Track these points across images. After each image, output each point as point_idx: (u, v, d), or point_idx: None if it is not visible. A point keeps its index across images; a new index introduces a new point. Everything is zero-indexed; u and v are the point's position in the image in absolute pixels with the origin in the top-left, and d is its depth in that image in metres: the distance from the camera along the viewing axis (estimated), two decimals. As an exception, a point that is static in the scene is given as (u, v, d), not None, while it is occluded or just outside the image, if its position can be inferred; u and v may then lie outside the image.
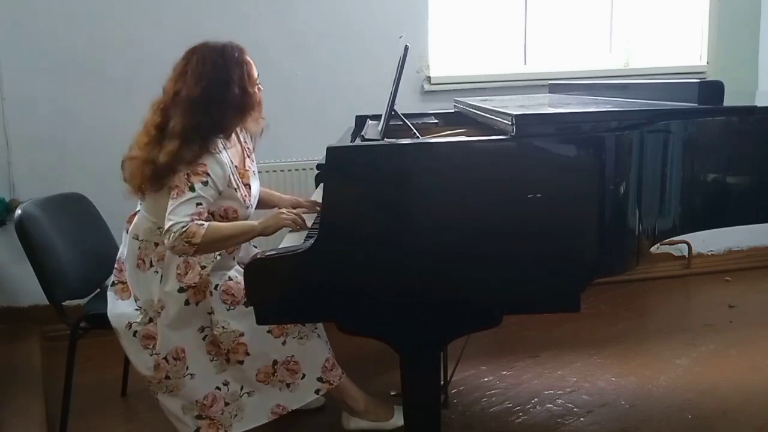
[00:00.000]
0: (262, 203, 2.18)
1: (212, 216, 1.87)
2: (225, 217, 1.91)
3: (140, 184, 1.87)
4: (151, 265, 1.94)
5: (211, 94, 1.81)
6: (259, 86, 1.94)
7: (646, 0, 3.58)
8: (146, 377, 1.93)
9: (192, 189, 1.79)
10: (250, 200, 1.97)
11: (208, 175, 1.81)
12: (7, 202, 2.91)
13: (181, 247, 1.76)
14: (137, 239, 1.96)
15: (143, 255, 1.95)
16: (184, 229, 1.75)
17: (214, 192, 1.84)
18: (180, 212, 1.77)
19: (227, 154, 1.90)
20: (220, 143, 1.87)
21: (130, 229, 1.99)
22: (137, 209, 2.00)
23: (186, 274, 1.89)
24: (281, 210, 1.93)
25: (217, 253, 1.91)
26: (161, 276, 1.91)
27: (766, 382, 2.41)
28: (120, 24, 2.90)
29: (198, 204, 1.80)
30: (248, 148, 2.09)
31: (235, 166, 1.94)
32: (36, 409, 2.27)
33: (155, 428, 2.01)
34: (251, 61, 1.91)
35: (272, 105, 3.08)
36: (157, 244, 1.93)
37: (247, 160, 2.05)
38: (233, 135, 1.99)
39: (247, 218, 1.96)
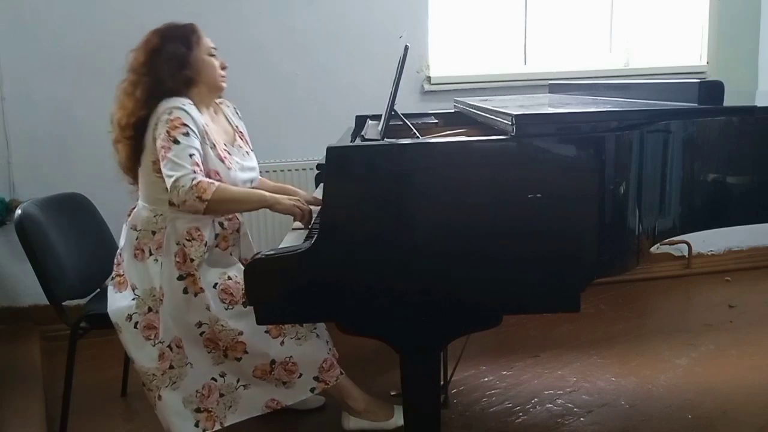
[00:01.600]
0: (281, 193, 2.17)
1: None
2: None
3: (127, 157, 1.95)
4: (150, 254, 1.95)
5: (159, 63, 1.93)
6: (213, 53, 2.03)
7: (646, 0, 3.58)
8: (150, 372, 1.92)
9: (177, 142, 1.82)
10: (231, 163, 1.98)
11: (185, 125, 1.84)
12: (7, 202, 2.91)
13: (192, 202, 1.78)
14: (135, 229, 1.98)
15: (141, 245, 1.96)
16: (194, 183, 1.78)
17: (199, 141, 1.87)
18: (178, 167, 1.80)
19: (197, 112, 1.93)
20: (186, 99, 1.92)
21: (128, 221, 2.01)
22: (135, 204, 2.03)
23: (184, 262, 1.90)
24: (300, 199, 1.94)
25: (205, 249, 1.91)
26: (161, 264, 1.92)
27: (766, 382, 2.41)
28: (120, 24, 2.90)
29: (191, 155, 1.82)
30: (240, 131, 2.16)
31: (207, 133, 1.95)
32: (36, 409, 2.27)
33: (155, 428, 2.01)
34: (202, 33, 2.04)
35: (272, 105, 3.13)
36: (154, 233, 1.94)
37: (239, 140, 2.11)
38: (210, 111, 2.05)
39: (234, 185, 1.96)
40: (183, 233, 1.92)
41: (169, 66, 1.93)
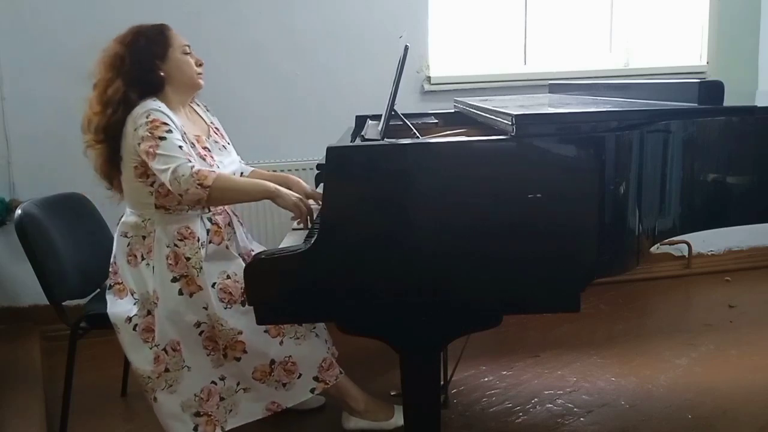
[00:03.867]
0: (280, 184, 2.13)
1: None
2: None
3: (103, 162, 1.96)
4: (142, 259, 1.95)
5: (127, 68, 1.93)
6: (187, 51, 2.02)
7: (646, 0, 3.58)
8: (145, 374, 1.92)
9: (163, 138, 1.82)
10: (213, 161, 1.97)
11: (166, 124, 1.84)
12: (7, 202, 2.91)
13: (194, 190, 1.77)
14: (126, 236, 1.98)
15: (133, 250, 1.96)
16: (194, 170, 1.78)
17: (181, 136, 1.86)
18: (170, 159, 1.80)
19: (171, 114, 1.91)
20: (159, 104, 1.90)
21: (118, 229, 2.02)
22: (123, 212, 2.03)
23: (177, 264, 1.90)
24: (303, 199, 1.89)
25: (200, 245, 1.91)
26: (153, 267, 1.92)
27: (766, 382, 2.41)
28: (120, 24, 2.87)
29: (179, 147, 1.82)
30: (215, 127, 2.15)
31: (185, 132, 1.94)
32: (36, 409, 2.27)
33: (155, 428, 2.00)
34: (171, 32, 2.02)
35: (272, 105, 3.13)
36: (144, 237, 1.94)
37: (214, 134, 2.11)
38: (184, 111, 2.05)
39: None
40: (174, 234, 1.91)
41: (141, 67, 1.92)
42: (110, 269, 2.03)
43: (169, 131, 1.84)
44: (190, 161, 1.81)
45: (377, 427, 2.12)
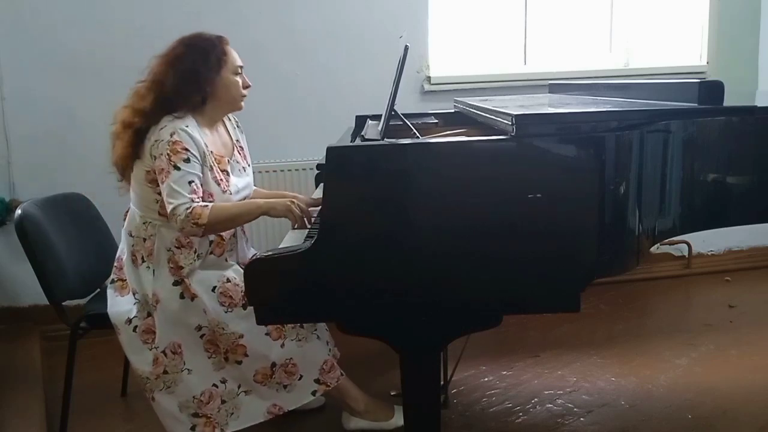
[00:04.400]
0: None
1: None
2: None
3: (121, 156, 1.93)
4: (143, 261, 1.95)
5: (176, 76, 1.89)
6: (239, 71, 1.99)
7: (646, 0, 3.58)
8: (144, 375, 1.92)
9: (177, 168, 1.81)
10: (227, 186, 1.96)
11: (186, 150, 1.83)
12: (7, 202, 2.91)
13: (189, 228, 1.80)
14: (131, 235, 1.98)
15: (136, 251, 1.96)
16: (188, 211, 1.78)
17: (199, 166, 1.86)
18: (177, 195, 1.80)
19: (199, 133, 1.91)
20: (190, 120, 1.90)
21: (124, 226, 2.02)
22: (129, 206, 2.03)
23: (177, 268, 1.90)
24: (294, 201, 1.90)
25: (196, 256, 1.91)
26: (153, 271, 1.92)
27: (766, 382, 2.41)
28: (120, 24, 2.90)
29: (190, 182, 1.82)
30: (240, 145, 2.13)
31: (211, 151, 1.94)
32: (36, 409, 2.27)
33: (155, 428, 2.01)
34: (229, 50, 1.99)
35: (272, 105, 3.13)
36: (145, 240, 1.94)
37: (237, 155, 2.08)
38: (215, 126, 2.03)
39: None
40: (171, 240, 1.91)
41: (185, 82, 1.89)
42: (115, 264, 2.03)
43: (186, 160, 1.82)
44: (193, 200, 1.80)
45: (377, 427, 2.12)
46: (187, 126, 1.87)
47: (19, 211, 2.05)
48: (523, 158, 1.51)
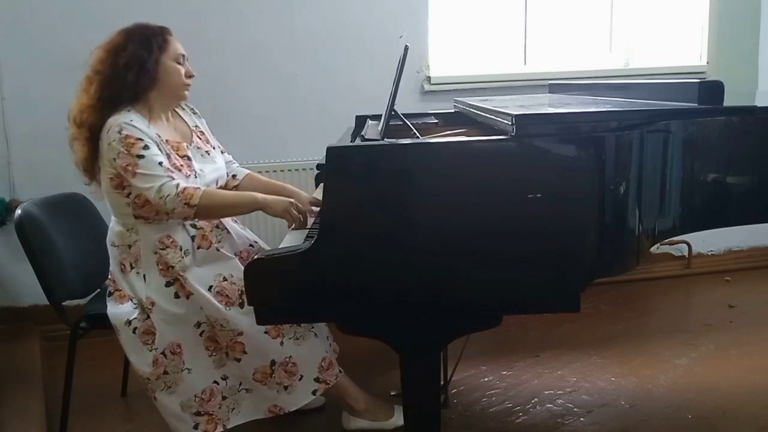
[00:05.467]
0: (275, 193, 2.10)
1: None
2: None
3: (84, 158, 1.92)
4: (132, 267, 1.95)
5: (116, 63, 1.90)
6: (181, 60, 1.99)
7: (646, 0, 3.58)
8: (145, 375, 1.92)
9: (141, 156, 1.81)
10: (190, 171, 1.94)
11: (141, 140, 1.82)
12: (7, 202, 2.91)
13: (180, 209, 1.79)
14: (114, 246, 1.98)
15: (123, 260, 1.96)
16: (180, 189, 1.78)
17: (159, 152, 1.85)
18: (153, 178, 1.80)
19: (145, 125, 1.89)
20: (133, 115, 1.89)
21: (108, 237, 2.01)
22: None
23: (168, 269, 1.90)
24: (293, 202, 1.88)
25: (183, 253, 1.90)
26: (144, 276, 1.92)
27: (766, 382, 2.41)
28: (120, 24, 2.87)
29: (159, 163, 1.82)
30: (200, 131, 2.12)
31: (166, 140, 1.93)
32: (36, 409, 2.27)
33: (155, 428, 2.01)
34: (170, 39, 1.99)
35: (272, 105, 3.13)
36: (130, 246, 1.94)
37: (197, 140, 2.07)
38: (164, 117, 2.02)
39: None
40: (156, 242, 1.91)
41: (128, 69, 1.89)
42: (109, 276, 2.04)
43: (146, 147, 1.82)
44: (173, 178, 1.80)
45: (377, 427, 2.12)
46: (131, 120, 1.86)
47: (19, 211, 2.05)
48: (523, 158, 1.51)
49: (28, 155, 2.93)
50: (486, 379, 2.52)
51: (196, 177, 1.95)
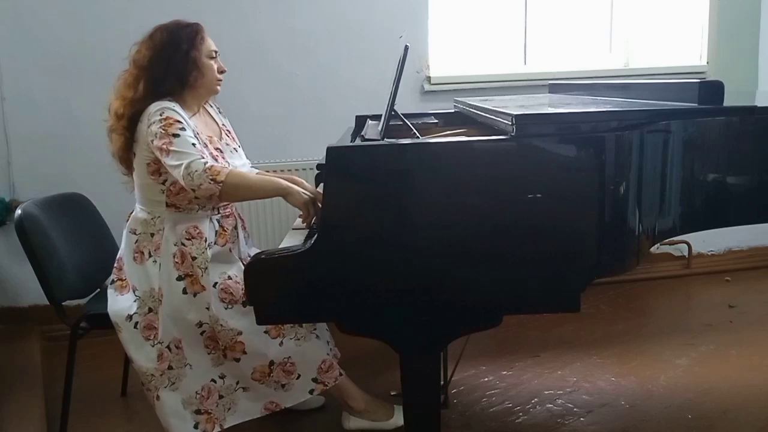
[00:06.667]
0: None
1: None
2: None
3: (121, 148, 1.95)
4: (150, 256, 1.95)
5: (160, 59, 1.93)
6: (214, 56, 2.02)
7: (646, 0, 3.58)
8: (148, 372, 1.92)
9: (177, 135, 1.82)
10: (224, 162, 1.97)
11: (179, 122, 1.85)
12: (7, 202, 2.91)
13: (207, 185, 1.78)
14: (134, 233, 1.98)
15: (140, 247, 1.96)
16: (207, 166, 1.79)
17: (195, 135, 1.88)
18: (184, 155, 1.81)
19: (185, 114, 1.93)
20: (173, 104, 1.91)
21: (127, 225, 2.02)
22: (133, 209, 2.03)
23: (183, 262, 1.90)
24: (314, 197, 1.85)
25: (207, 245, 1.91)
26: (159, 265, 1.93)
27: (766, 382, 2.41)
28: (120, 23, 2.89)
29: (193, 144, 1.83)
30: (226, 129, 2.16)
31: (201, 132, 1.96)
32: (36, 409, 2.27)
33: (155, 428, 2.01)
34: (205, 35, 2.03)
35: (272, 105, 3.13)
36: (153, 235, 1.95)
37: (226, 137, 2.11)
38: (197, 113, 2.05)
39: None
40: (182, 233, 1.92)
41: (172, 64, 1.93)
42: (115, 265, 2.04)
43: (183, 129, 1.85)
44: (203, 157, 1.82)
45: (377, 427, 2.12)
46: (173, 106, 1.89)
47: (19, 211, 2.05)
48: (523, 158, 1.51)
49: (28, 155, 2.93)
50: (486, 379, 2.52)
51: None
